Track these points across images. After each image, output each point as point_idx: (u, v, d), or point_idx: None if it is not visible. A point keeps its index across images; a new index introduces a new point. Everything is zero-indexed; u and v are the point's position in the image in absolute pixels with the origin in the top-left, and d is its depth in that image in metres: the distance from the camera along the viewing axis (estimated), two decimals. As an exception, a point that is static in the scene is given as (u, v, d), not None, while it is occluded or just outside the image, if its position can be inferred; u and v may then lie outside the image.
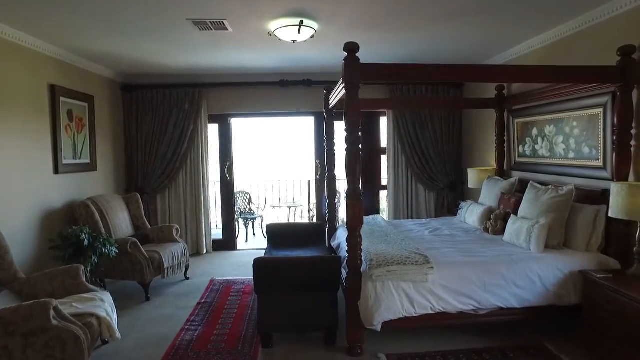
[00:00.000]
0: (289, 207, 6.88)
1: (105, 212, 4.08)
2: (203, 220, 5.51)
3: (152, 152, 5.34)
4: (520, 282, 2.69)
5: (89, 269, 3.22)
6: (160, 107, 5.33)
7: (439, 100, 5.40)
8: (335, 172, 4.40)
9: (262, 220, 7.07)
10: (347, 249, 2.75)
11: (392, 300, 2.60)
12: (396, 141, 5.60)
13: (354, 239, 2.68)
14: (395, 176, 5.64)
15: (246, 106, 5.56)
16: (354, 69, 2.61)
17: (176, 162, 5.37)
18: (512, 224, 3.27)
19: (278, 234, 4.13)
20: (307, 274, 2.80)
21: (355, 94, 2.66)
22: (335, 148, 4.31)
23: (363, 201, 2.75)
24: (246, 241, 6.70)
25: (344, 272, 2.97)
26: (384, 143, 5.85)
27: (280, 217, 7.33)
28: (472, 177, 4.70)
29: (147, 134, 5.34)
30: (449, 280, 2.66)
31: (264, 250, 3.98)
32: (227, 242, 5.82)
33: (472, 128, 5.40)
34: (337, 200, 6.50)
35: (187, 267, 4.41)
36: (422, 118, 5.52)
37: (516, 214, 3.41)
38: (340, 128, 5.48)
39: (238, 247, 5.90)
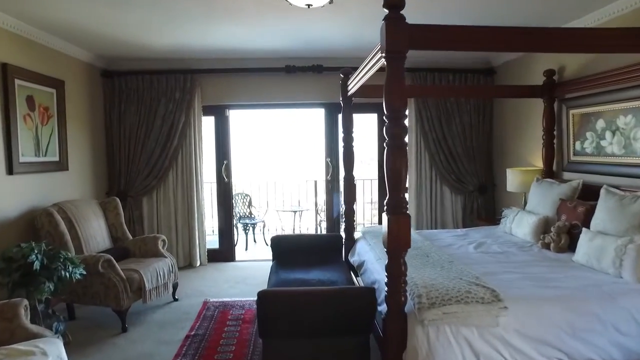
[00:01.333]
0: (294, 212, 6.16)
1: (75, 221, 3.35)
2: (196, 228, 4.78)
3: (137, 149, 4.61)
4: (624, 326, 1.97)
5: (43, 297, 2.49)
6: (146, 97, 4.59)
7: (472, 88, 4.67)
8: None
9: (264, 225, 6.34)
10: (376, 273, 2.02)
11: (451, 352, 1.88)
12: (419, 136, 4.87)
13: (397, 268, 1.95)
14: (418, 177, 4.91)
15: (246, 96, 4.83)
16: (399, 32, 1.87)
17: (165, 160, 4.64)
18: (588, 241, 2.54)
19: (285, 249, 3.40)
20: (331, 311, 2.08)
21: (400, 66, 1.93)
22: (354, 144, 3.58)
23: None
24: (246, 249, 5.97)
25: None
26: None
27: (284, 222, 6.61)
28: (513, 179, 3.97)
29: (131, 128, 4.60)
30: (525, 324, 1.93)
31: (267, 265, 3.26)
32: (224, 252, 5.09)
33: (507, 121, 4.67)
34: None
35: (175, 286, 3.69)
36: (448, 110, 4.80)
37: (588, 227, 2.70)
38: (359, 121, 4.76)
39: (237, 258, 5.17)
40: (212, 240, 5.55)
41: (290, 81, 4.78)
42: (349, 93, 3.45)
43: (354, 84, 3.26)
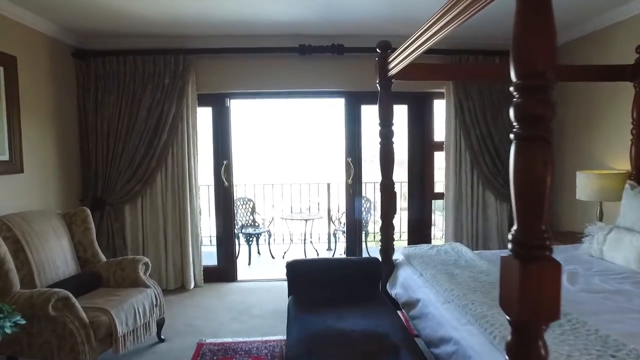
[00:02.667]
0: (306, 220, 5.32)
1: (26, 241, 2.51)
2: (190, 242, 3.94)
3: (118, 146, 3.76)
4: None
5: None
6: (129, 83, 3.75)
7: None
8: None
9: (270, 236, 5.49)
10: (449, 327, 1.20)
11: None
12: (458, 133, 4.04)
13: (533, 351, 1.11)
14: (457, 181, 4.08)
15: (251, 82, 3.99)
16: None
17: (152, 160, 3.79)
18: None
19: (305, 278, 2.57)
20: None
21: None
22: (393, 140, 2.74)
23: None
24: (249, 264, 5.14)
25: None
26: (439, 136, 4.30)
27: (293, 231, 5.76)
28: (586, 184, 3.15)
29: (110, 121, 3.76)
30: None
31: (276, 287, 2.43)
32: (224, 270, 4.25)
33: (571, 113, 3.84)
34: (365, 211, 4.95)
35: (161, 323, 2.85)
36: (493, 101, 3.97)
37: None
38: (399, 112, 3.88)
39: (239, 277, 4.33)
40: (208, 252, 4.73)
41: (305, 64, 3.94)
42: (390, 73, 2.61)
43: (398, 61, 2.43)
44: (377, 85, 2.77)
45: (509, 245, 1.13)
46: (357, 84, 3.99)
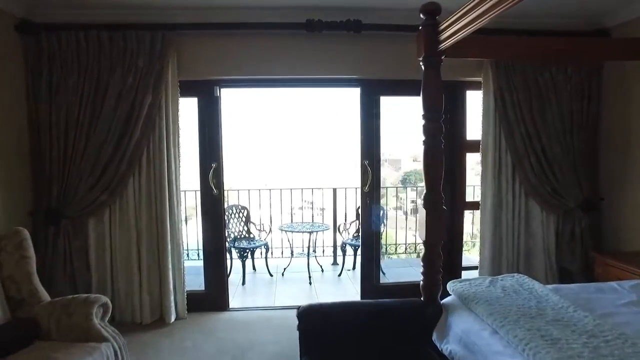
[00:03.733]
0: (310, 233, 4.57)
1: None
2: (170, 264, 3.18)
3: (79, 143, 2.99)
4: None
5: None
6: (92, 65, 2.97)
7: (594, 44, 2.99)
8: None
9: (267, 249, 4.74)
10: None
11: None
12: (498, 130, 3.34)
13: None
14: (496, 188, 3.38)
15: (245, 67, 3.25)
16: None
17: (122, 161, 3.03)
18: None
19: (323, 334, 1.84)
20: None
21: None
22: (442, 139, 2.02)
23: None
24: (243, 283, 4.38)
25: None
26: (472, 134, 3.59)
27: (294, 242, 5.01)
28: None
29: (69, 111, 2.98)
30: None
31: (277, 319, 1.70)
32: (213, 297, 3.48)
33: (630, 106, 3.16)
34: (380, 218, 4.22)
35: (124, 387, 2.09)
36: (540, 90, 3.28)
37: None
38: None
39: (231, 304, 3.58)
40: (194, 267, 3.99)
41: (313, 45, 3.21)
42: (443, 46, 1.89)
43: (456, 29, 1.71)
44: (421, 63, 2.04)
45: None
46: (377, 69, 3.27)
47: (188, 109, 3.36)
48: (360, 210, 4.69)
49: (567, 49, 2.42)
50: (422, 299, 2.09)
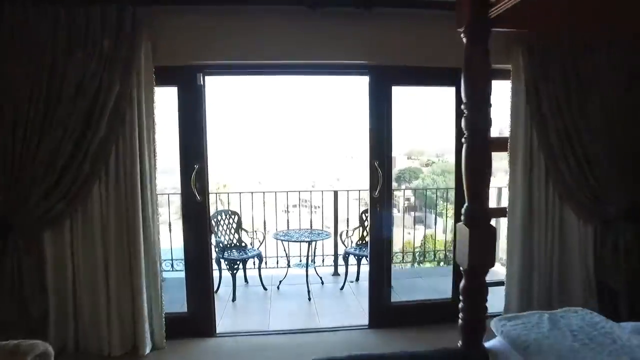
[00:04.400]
0: (309, 243, 4.08)
1: None
2: (144, 283, 2.67)
3: (31, 141, 2.46)
4: None
5: None
6: (47, 46, 2.45)
7: None
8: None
9: (261, 260, 4.24)
10: None
11: None
12: (529, 127, 2.87)
13: None
14: (527, 193, 2.91)
15: (234, 51, 2.76)
16: None
17: (83, 162, 2.51)
18: None
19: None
20: None
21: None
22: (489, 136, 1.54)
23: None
24: (233, 299, 3.88)
25: None
26: (499, 129, 3.12)
27: (290, 251, 4.52)
28: None
29: (17, 102, 2.45)
30: None
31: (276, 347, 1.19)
32: (197, 320, 2.98)
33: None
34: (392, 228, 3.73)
35: None
36: (580, 78, 2.80)
37: None
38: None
39: (219, 328, 3.08)
40: (176, 279, 3.49)
41: (314, 23, 2.71)
42: (494, 11, 1.40)
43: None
44: (463, 35, 1.55)
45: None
46: (390, 54, 2.79)
47: (166, 100, 2.85)
48: (367, 218, 4.20)
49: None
50: (460, 343, 1.60)
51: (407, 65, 2.87)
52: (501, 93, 3.05)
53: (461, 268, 1.57)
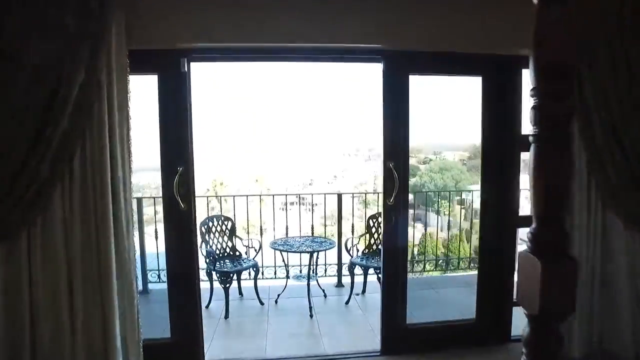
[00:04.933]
0: (310, 253, 3.66)
1: None
2: (117, 307, 2.24)
3: (-24, 140, 2.03)
4: None
5: None
6: (-4, 22, 2.02)
7: None
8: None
9: (256, 272, 3.82)
10: None
11: None
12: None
13: None
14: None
15: (225, 32, 2.34)
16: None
17: (41, 164, 2.08)
18: None
19: None
20: None
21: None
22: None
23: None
24: (226, 317, 3.47)
25: None
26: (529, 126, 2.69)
27: (291, 260, 4.11)
28: None
29: (-40, 92, 2.02)
30: None
31: None
32: (182, 347, 2.56)
33: None
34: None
35: None
36: (629, 62, 2.39)
37: None
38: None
39: (208, 353, 2.67)
40: (162, 292, 3.05)
41: (316, 3, 2.29)
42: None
43: None
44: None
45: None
46: (407, 37, 2.38)
47: (144, 90, 2.43)
48: (375, 223, 3.81)
49: None
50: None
51: (427, 50, 2.46)
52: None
53: (525, 312, 1.16)
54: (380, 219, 4.00)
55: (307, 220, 4.71)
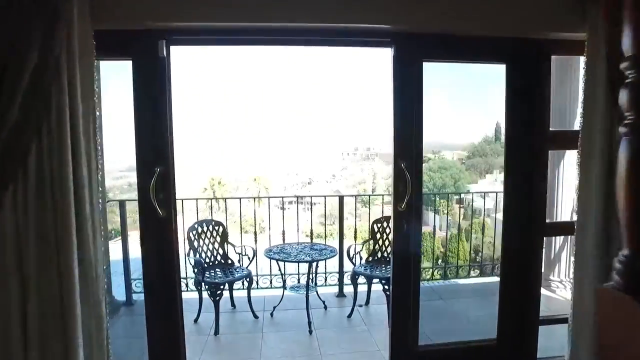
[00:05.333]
0: (309, 262, 3.32)
1: None
2: (80, 335, 1.89)
3: None
4: None
5: None
6: None
7: None
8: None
9: (250, 282, 3.47)
10: None
11: None
12: (609, 115, 2.13)
13: None
14: (603, 204, 2.17)
15: (211, 10, 1.98)
16: None
17: (-13, 165, 1.73)
18: None
19: None
20: None
21: None
22: None
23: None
24: (215, 333, 3.13)
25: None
26: (562, 121, 2.38)
27: (288, 269, 3.76)
28: None
29: None
30: None
31: None
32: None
33: None
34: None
35: None
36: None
37: None
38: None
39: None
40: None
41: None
42: None
43: None
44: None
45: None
46: (422, 16, 2.03)
47: (115, 78, 2.09)
48: (380, 228, 3.48)
49: None
50: None
51: (445, 32, 2.12)
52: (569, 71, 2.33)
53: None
54: (386, 224, 3.69)
55: (306, 220, 4.38)
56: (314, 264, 3.50)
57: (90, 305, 1.93)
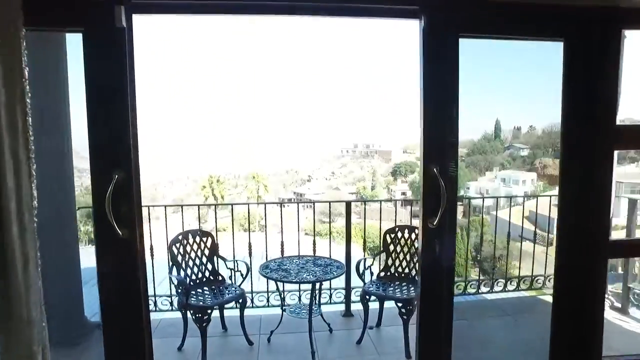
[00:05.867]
0: (313, 283, 2.82)
1: None
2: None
3: None
4: None
5: None
6: None
7: None
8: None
9: (244, 303, 2.98)
10: None
11: None
12: None
13: None
14: None
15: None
16: None
17: None
18: None
19: None
20: None
21: None
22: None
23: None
24: (202, 365, 2.63)
25: None
26: (629, 112, 1.89)
27: (287, 286, 3.26)
28: None
29: None
30: None
31: None
32: None
33: None
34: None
35: None
36: None
37: None
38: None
39: None
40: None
41: None
42: None
43: None
44: None
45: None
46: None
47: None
48: (394, 239, 3.01)
49: None
50: None
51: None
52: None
53: None
54: (400, 235, 3.21)
55: (306, 217, 3.88)
56: (318, 284, 3.01)
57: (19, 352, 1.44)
